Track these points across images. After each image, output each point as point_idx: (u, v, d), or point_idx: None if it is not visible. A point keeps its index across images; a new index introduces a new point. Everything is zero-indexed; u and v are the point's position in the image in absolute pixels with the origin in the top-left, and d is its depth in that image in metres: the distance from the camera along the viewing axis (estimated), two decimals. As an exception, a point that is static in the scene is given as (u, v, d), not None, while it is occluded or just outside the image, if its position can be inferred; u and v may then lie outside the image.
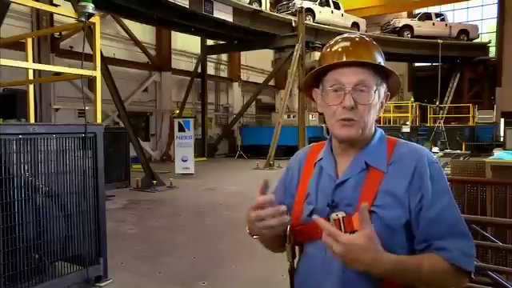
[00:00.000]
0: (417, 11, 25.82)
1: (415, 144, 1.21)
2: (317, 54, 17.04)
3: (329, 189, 1.16)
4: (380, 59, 1.16)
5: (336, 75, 1.13)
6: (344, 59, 1.12)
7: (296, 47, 15.65)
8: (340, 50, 1.15)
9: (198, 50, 18.90)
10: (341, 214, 1.11)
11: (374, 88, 1.12)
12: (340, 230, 1.10)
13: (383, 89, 1.17)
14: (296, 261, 1.25)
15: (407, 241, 1.10)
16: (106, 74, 9.60)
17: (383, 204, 1.09)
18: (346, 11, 20.63)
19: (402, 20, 23.49)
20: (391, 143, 1.19)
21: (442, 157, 11.16)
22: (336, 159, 1.21)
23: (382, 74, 1.15)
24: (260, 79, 22.43)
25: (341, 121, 1.13)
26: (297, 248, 1.24)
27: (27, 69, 4.75)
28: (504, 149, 10.14)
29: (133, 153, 10.65)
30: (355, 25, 20.76)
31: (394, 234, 1.08)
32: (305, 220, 1.19)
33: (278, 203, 1.32)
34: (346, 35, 1.21)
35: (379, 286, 1.07)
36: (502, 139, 15.24)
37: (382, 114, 1.26)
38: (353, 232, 1.08)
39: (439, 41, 21.05)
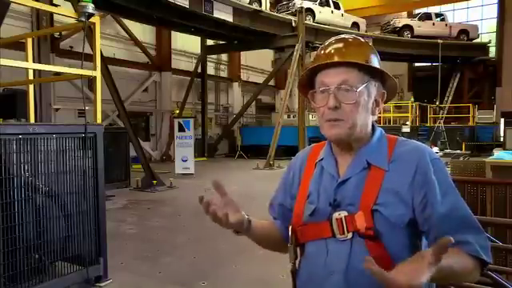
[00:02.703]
0: (417, 11, 25.80)
1: (416, 141, 1.20)
2: (317, 54, 17.02)
3: (330, 188, 1.16)
4: (373, 58, 1.16)
5: (322, 77, 1.15)
6: (328, 61, 1.14)
7: (296, 47, 15.65)
8: (331, 51, 1.17)
9: (198, 49, 18.90)
10: (343, 214, 1.11)
11: (359, 86, 1.12)
12: (342, 229, 1.11)
13: (374, 87, 1.16)
14: (297, 261, 1.24)
15: (410, 238, 1.10)
16: (106, 74, 9.60)
17: (386, 202, 1.08)
18: (346, 11, 20.62)
19: (402, 20, 23.46)
20: (391, 141, 1.18)
21: (442, 157, 11.15)
22: (337, 158, 1.21)
23: (373, 72, 1.16)
24: (260, 79, 22.42)
25: (328, 121, 1.14)
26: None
27: (27, 69, 4.75)
28: (504, 149, 10.14)
29: (133, 153, 10.64)
30: (355, 25, 20.75)
31: (398, 232, 1.08)
32: (306, 220, 1.18)
33: (279, 204, 1.33)
34: (339, 36, 1.22)
35: (383, 285, 1.06)
36: (502, 139, 15.25)
37: (380, 112, 1.26)
38: (356, 231, 1.08)
39: (439, 41, 21.03)
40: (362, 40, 1.20)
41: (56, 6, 9.19)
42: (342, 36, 1.22)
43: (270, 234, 1.33)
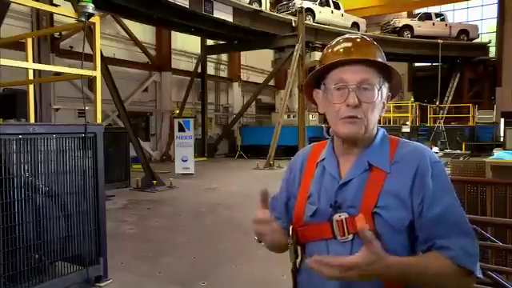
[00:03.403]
0: (417, 11, 25.82)
1: (417, 143, 1.20)
2: (317, 54, 17.04)
3: (331, 189, 1.15)
4: (381, 59, 1.16)
5: (339, 73, 1.13)
6: (352, 57, 1.12)
7: (296, 47, 15.64)
8: (342, 49, 1.15)
9: (198, 49, 18.90)
10: (344, 216, 1.11)
11: (378, 87, 1.12)
12: (343, 231, 1.11)
13: (385, 89, 1.17)
14: (298, 261, 1.24)
15: (409, 241, 1.10)
16: (106, 73, 9.60)
17: (386, 205, 1.08)
18: (346, 11, 20.62)
19: (402, 20, 23.48)
20: (393, 142, 1.18)
21: (442, 157, 11.16)
22: (338, 159, 1.20)
23: (385, 73, 1.15)
24: (260, 79, 22.42)
25: (344, 119, 1.13)
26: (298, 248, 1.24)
27: (27, 69, 4.75)
28: (504, 149, 10.15)
29: (133, 153, 10.64)
30: (355, 25, 20.76)
31: (398, 234, 1.08)
32: (307, 220, 1.18)
33: (285, 203, 1.32)
34: (347, 36, 1.21)
35: (383, 285, 1.06)
36: (502, 139, 15.26)
37: (384, 114, 1.26)
38: (356, 233, 1.08)
39: (439, 41, 21.04)
40: (369, 39, 1.19)
41: (56, 6, 9.18)
42: (349, 35, 1.21)
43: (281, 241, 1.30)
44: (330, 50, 1.18)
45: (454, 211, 1.09)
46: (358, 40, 1.18)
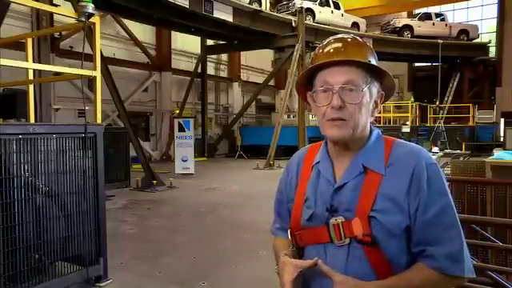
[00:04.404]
0: (417, 11, 25.81)
1: (413, 144, 1.19)
2: (317, 54, 17.04)
3: (327, 193, 1.15)
4: (372, 59, 1.15)
5: (324, 76, 1.13)
6: (334, 59, 1.12)
7: (296, 47, 15.65)
8: (330, 50, 1.15)
9: (198, 49, 18.91)
10: (340, 220, 1.11)
11: (363, 87, 1.11)
12: (339, 235, 1.11)
13: (375, 88, 1.15)
14: None
15: (407, 243, 1.10)
16: (106, 74, 9.60)
17: (383, 209, 1.08)
18: (346, 11, 20.62)
19: (402, 20, 23.47)
20: (388, 143, 1.17)
21: (442, 157, 11.16)
22: (333, 162, 1.19)
23: (374, 73, 1.14)
24: (260, 79, 22.43)
25: (330, 121, 1.12)
26: None
27: (27, 69, 4.75)
28: (504, 149, 10.16)
29: (133, 153, 10.64)
30: (355, 25, 20.75)
31: (395, 237, 1.08)
32: (304, 224, 1.18)
33: (285, 205, 1.32)
34: (338, 36, 1.20)
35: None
36: (502, 139, 15.27)
37: (378, 113, 1.24)
38: (353, 237, 1.09)
39: (439, 41, 21.03)
40: (361, 40, 1.18)
41: (56, 6, 9.19)
42: (341, 36, 1.20)
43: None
44: (320, 51, 1.17)
45: (445, 215, 1.08)
46: (348, 40, 1.17)
